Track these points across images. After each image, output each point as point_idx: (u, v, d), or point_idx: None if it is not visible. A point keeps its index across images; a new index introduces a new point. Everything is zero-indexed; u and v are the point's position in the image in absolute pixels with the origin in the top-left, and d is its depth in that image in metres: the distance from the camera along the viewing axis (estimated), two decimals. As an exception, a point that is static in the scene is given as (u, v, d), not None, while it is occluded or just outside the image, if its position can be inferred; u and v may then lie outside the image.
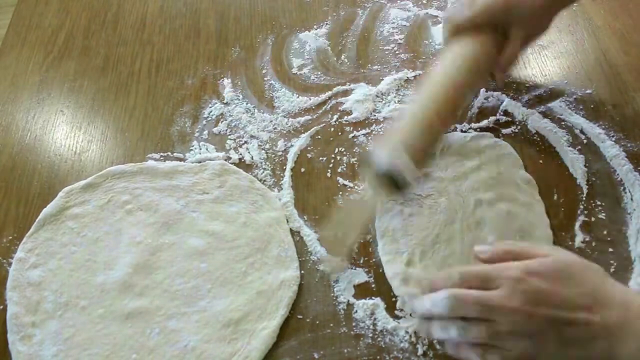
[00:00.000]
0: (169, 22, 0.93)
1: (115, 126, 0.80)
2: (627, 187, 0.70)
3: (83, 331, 0.61)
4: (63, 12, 0.95)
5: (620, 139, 0.74)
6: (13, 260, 0.66)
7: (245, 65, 0.86)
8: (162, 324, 0.61)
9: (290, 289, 0.63)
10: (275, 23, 0.91)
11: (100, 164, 0.76)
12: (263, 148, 0.76)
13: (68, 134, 0.80)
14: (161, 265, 0.65)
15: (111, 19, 0.94)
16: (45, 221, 0.69)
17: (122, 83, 0.85)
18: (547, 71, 0.82)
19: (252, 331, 0.61)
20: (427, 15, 0.91)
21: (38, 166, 0.76)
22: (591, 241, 0.66)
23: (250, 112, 0.80)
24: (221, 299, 0.63)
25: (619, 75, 0.80)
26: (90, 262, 0.66)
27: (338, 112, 0.79)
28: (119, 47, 0.90)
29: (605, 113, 0.76)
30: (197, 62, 0.86)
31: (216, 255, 0.66)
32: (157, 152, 0.76)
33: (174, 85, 0.84)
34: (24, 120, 0.81)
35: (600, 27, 0.86)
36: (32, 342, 0.60)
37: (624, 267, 0.64)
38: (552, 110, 0.77)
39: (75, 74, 0.86)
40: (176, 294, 0.63)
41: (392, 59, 0.85)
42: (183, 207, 0.70)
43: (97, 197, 0.71)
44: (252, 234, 0.67)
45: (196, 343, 0.60)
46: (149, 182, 0.72)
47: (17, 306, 0.63)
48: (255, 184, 0.72)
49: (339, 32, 0.89)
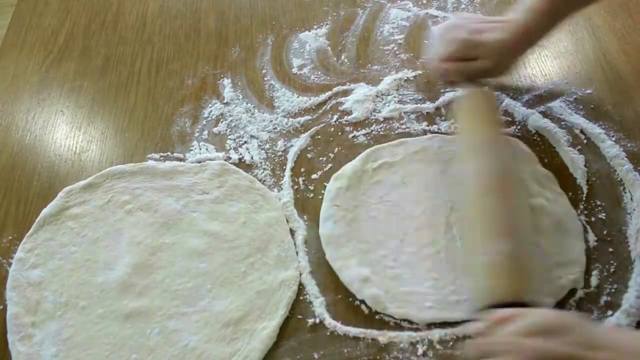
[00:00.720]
0: (169, 22, 0.93)
1: (115, 126, 0.80)
2: (627, 187, 0.70)
3: (83, 331, 0.61)
4: (63, 12, 0.95)
5: (620, 139, 0.74)
6: (13, 261, 0.66)
7: (245, 65, 0.86)
8: (162, 324, 0.61)
9: (290, 289, 0.63)
10: (275, 23, 0.91)
11: (100, 164, 0.76)
12: (263, 148, 0.76)
13: (68, 134, 0.80)
14: (161, 265, 0.65)
15: (111, 19, 0.94)
16: (45, 221, 0.69)
17: (122, 83, 0.85)
18: (547, 71, 0.82)
19: (252, 331, 0.61)
20: (427, 15, 0.91)
21: (38, 166, 0.76)
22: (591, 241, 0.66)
23: (250, 112, 0.80)
24: (221, 299, 0.63)
25: (619, 75, 0.80)
26: (90, 262, 0.66)
27: (338, 112, 0.79)
28: (119, 47, 0.90)
29: (605, 113, 0.76)
30: (197, 62, 0.86)
31: (216, 255, 0.66)
32: (157, 152, 0.76)
33: (174, 85, 0.84)
34: (23, 121, 0.81)
35: (600, 27, 0.86)
36: (32, 342, 0.60)
37: (624, 267, 0.64)
38: (552, 110, 0.77)
39: (75, 74, 0.87)
40: (176, 294, 0.63)
41: (392, 59, 0.85)
42: (183, 207, 0.70)
43: (97, 197, 0.71)
44: (252, 234, 0.67)
45: (196, 343, 0.60)
46: (149, 182, 0.72)
47: (17, 306, 0.63)
48: (255, 184, 0.72)
49: (339, 32, 0.89)
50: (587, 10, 0.88)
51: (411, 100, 0.80)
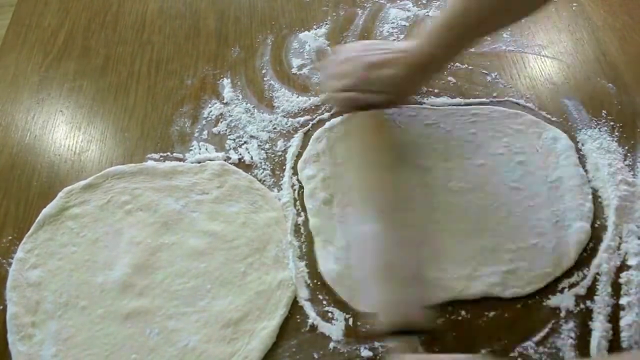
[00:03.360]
0: (168, 22, 0.93)
1: (115, 126, 0.80)
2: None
3: (83, 331, 0.61)
4: (63, 12, 0.95)
5: (620, 139, 0.74)
6: (13, 261, 0.66)
7: (245, 65, 0.86)
8: (161, 324, 0.62)
9: (289, 289, 0.63)
10: (275, 23, 0.91)
11: (100, 164, 0.76)
12: (263, 148, 0.76)
13: (68, 134, 0.80)
14: (161, 266, 0.65)
15: (111, 19, 0.94)
16: (45, 221, 0.69)
17: (122, 83, 0.85)
18: (547, 71, 0.82)
19: (251, 331, 0.61)
20: (427, 16, 0.91)
21: (38, 166, 0.76)
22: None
23: (250, 112, 0.80)
24: (221, 299, 0.63)
25: (619, 75, 0.80)
26: (90, 262, 0.66)
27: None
28: (118, 47, 0.90)
29: (606, 113, 0.76)
30: (197, 62, 0.87)
31: (216, 255, 0.66)
32: (156, 152, 0.76)
33: (173, 85, 0.84)
34: (23, 120, 0.81)
35: (600, 27, 0.86)
36: (32, 342, 0.61)
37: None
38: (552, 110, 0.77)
39: (75, 74, 0.87)
40: (176, 294, 0.63)
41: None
42: (183, 207, 0.70)
43: (97, 197, 0.71)
44: (251, 234, 0.67)
45: (196, 343, 0.60)
46: (149, 182, 0.72)
47: (17, 306, 0.63)
48: (255, 184, 0.72)
49: (338, 32, 0.89)
50: (587, 10, 0.88)
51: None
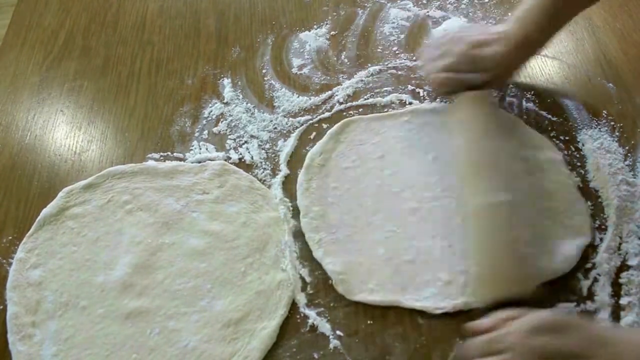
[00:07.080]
0: (169, 22, 0.93)
1: (115, 126, 0.80)
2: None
3: (83, 331, 0.61)
4: (63, 12, 0.95)
5: (620, 139, 0.74)
6: (13, 260, 0.66)
7: (245, 65, 0.86)
8: (162, 323, 0.61)
9: (289, 289, 0.63)
10: (275, 23, 0.91)
11: (100, 164, 0.76)
12: (263, 148, 0.76)
13: (68, 134, 0.80)
14: (161, 265, 0.65)
15: (111, 19, 0.94)
16: (45, 221, 0.69)
17: (122, 83, 0.85)
18: (547, 71, 0.82)
19: (252, 331, 0.61)
20: (427, 16, 0.91)
21: (38, 166, 0.76)
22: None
23: (250, 112, 0.80)
24: (221, 299, 0.63)
25: (619, 75, 0.80)
26: (90, 262, 0.66)
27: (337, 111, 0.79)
28: (118, 47, 0.90)
29: (606, 113, 0.76)
30: (197, 62, 0.87)
31: (216, 255, 0.66)
32: (157, 152, 0.76)
33: (173, 85, 0.84)
34: (24, 120, 0.81)
35: (600, 27, 0.86)
36: (32, 342, 0.61)
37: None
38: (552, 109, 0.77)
39: (75, 74, 0.87)
40: (176, 294, 0.63)
41: (392, 58, 0.85)
42: (183, 207, 0.70)
43: (97, 197, 0.71)
44: (251, 234, 0.67)
45: (196, 343, 0.60)
46: (149, 182, 0.72)
47: (17, 306, 0.63)
48: (255, 184, 0.72)
49: (339, 32, 0.89)
50: (587, 10, 0.88)
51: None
